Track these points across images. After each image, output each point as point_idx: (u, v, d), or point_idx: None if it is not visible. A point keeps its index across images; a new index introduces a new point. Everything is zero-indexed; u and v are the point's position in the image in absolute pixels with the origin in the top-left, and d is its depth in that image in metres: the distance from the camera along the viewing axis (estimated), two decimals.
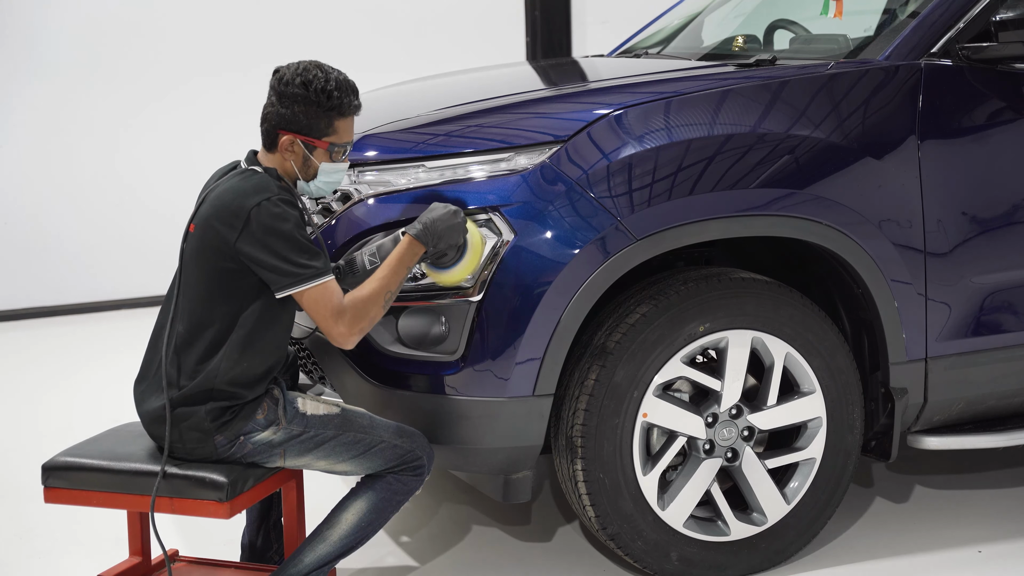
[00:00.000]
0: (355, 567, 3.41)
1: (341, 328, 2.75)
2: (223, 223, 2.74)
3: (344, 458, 2.88)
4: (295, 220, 2.74)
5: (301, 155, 2.84)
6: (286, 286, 2.72)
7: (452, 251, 2.89)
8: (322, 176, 2.87)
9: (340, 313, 2.74)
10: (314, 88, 2.79)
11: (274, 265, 2.71)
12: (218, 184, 2.85)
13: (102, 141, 6.91)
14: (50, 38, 6.73)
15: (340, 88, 2.81)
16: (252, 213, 2.71)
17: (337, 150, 2.86)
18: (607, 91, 3.48)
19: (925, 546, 3.47)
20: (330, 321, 2.74)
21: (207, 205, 2.81)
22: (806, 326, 3.18)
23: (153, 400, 2.83)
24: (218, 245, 2.76)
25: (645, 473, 3.12)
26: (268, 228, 2.71)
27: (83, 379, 5.58)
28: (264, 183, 2.78)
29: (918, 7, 3.41)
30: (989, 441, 3.40)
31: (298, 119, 2.81)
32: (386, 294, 2.80)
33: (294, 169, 2.86)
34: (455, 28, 7.49)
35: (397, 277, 2.83)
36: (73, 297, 6.95)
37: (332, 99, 2.80)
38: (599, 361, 3.04)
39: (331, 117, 2.82)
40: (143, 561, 3.10)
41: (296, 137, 2.82)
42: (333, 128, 2.84)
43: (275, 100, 2.83)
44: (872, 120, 3.21)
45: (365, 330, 2.78)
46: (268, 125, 2.85)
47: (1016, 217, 3.34)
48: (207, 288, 2.79)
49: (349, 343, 2.77)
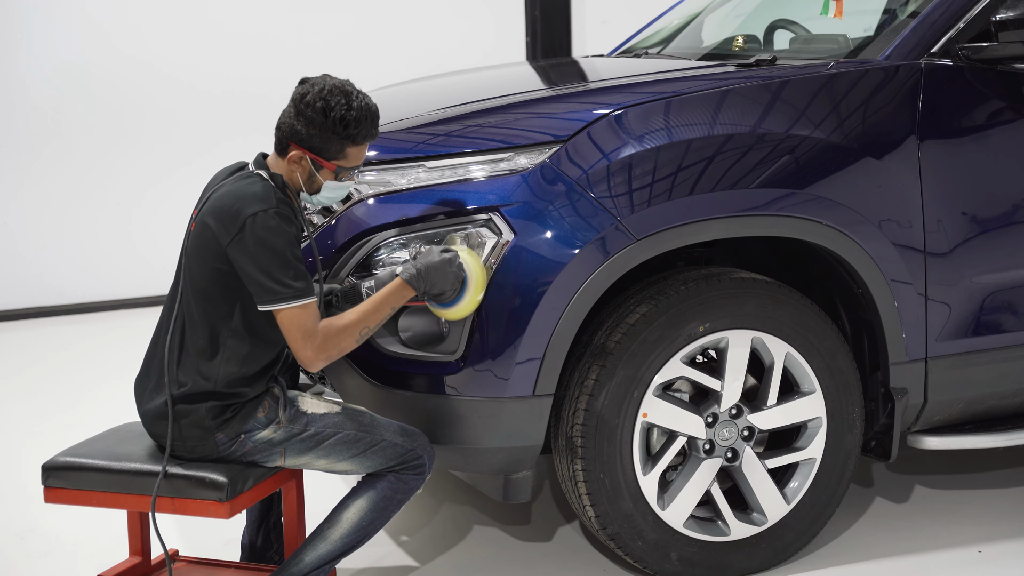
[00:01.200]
0: (355, 567, 3.41)
1: (308, 351, 2.75)
2: (219, 224, 2.75)
3: (344, 457, 2.88)
4: (288, 237, 2.75)
5: (308, 171, 2.85)
6: (266, 301, 2.74)
7: (450, 291, 2.88)
8: (325, 192, 2.88)
9: (310, 337, 2.74)
10: (333, 117, 2.78)
11: (258, 280, 2.72)
12: (223, 184, 2.85)
13: (102, 141, 6.91)
14: (50, 38, 6.73)
15: (359, 120, 2.80)
16: (248, 222, 2.72)
17: (344, 172, 2.88)
18: (607, 91, 3.48)
19: (925, 546, 3.47)
20: (299, 343, 2.74)
21: (209, 204, 2.81)
22: (806, 326, 3.18)
23: (154, 398, 2.84)
24: (213, 245, 2.77)
25: (645, 473, 3.12)
26: (260, 240, 2.72)
27: (83, 379, 5.57)
28: (266, 192, 2.78)
29: (918, 7, 3.41)
30: (989, 441, 3.40)
31: (312, 139, 2.81)
32: (363, 328, 2.81)
33: (298, 180, 2.87)
34: (455, 28, 7.49)
35: (379, 315, 2.83)
36: (73, 297, 6.95)
37: (349, 129, 2.80)
38: (599, 361, 3.04)
39: (344, 145, 2.83)
40: (143, 561, 3.11)
41: (306, 154, 2.83)
42: (344, 154, 2.85)
43: (293, 113, 2.83)
44: (872, 120, 3.21)
45: (332, 358, 2.78)
46: (281, 134, 2.86)
47: (1016, 217, 3.34)
48: (207, 285, 2.80)
49: (313, 367, 2.77)
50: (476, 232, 2.99)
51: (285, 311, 2.73)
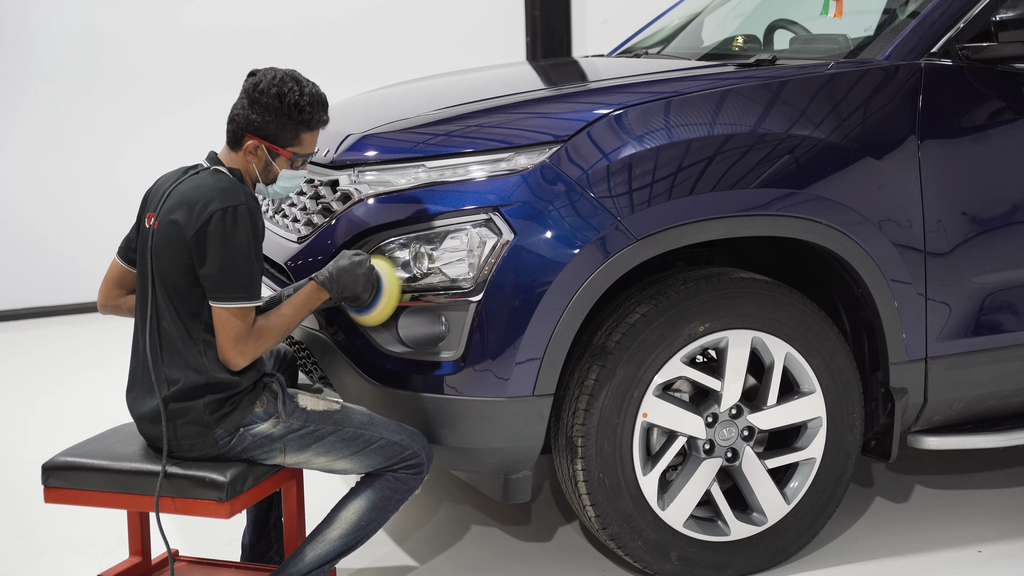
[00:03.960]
0: (355, 567, 3.41)
1: (233, 352, 2.77)
2: (186, 217, 2.77)
3: (343, 455, 2.88)
4: (253, 236, 2.78)
5: (264, 160, 2.90)
6: (218, 298, 2.76)
7: (365, 295, 2.94)
8: (281, 181, 2.94)
9: (240, 339, 2.76)
10: (288, 102, 2.85)
11: (214, 275, 2.75)
12: (182, 181, 2.86)
13: (102, 141, 6.91)
14: (50, 39, 6.73)
15: (312, 104, 2.88)
16: (215, 216, 2.75)
17: (299, 159, 2.93)
18: (607, 91, 3.48)
19: (925, 546, 3.47)
20: (229, 342, 2.76)
21: (171, 200, 2.82)
22: (806, 326, 3.18)
23: (147, 402, 2.84)
24: (179, 238, 2.78)
25: (645, 473, 3.12)
26: (226, 235, 2.74)
27: (83, 379, 5.58)
28: (233, 188, 2.80)
29: (918, 7, 3.41)
30: (989, 441, 3.40)
31: (267, 127, 2.87)
32: (285, 330, 2.85)
33: (255, 171, 2.91)
34: (455, 28, 7.49)
35: (299, 316, 2.88)
36: (73, 297, 6.96)
37: (304, 114, 2.87)
38: (599, 361, 3.04)
39: (299, 130, 2.90)
40: (143, 561, 3.11)
41: (261, 143, 2.88)
42: (299, 140, 2.91)
43: (246, 103, 2.88)
44: (872, 120, 3.21)
45: (252, 358, 2.80)
46: (235, 126, 2.90)
47: (1016, 217, 3.34)
48: (177, 280, 2.80)
49: (234, 366, 2.79)
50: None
51: (229, 308, 2.75)
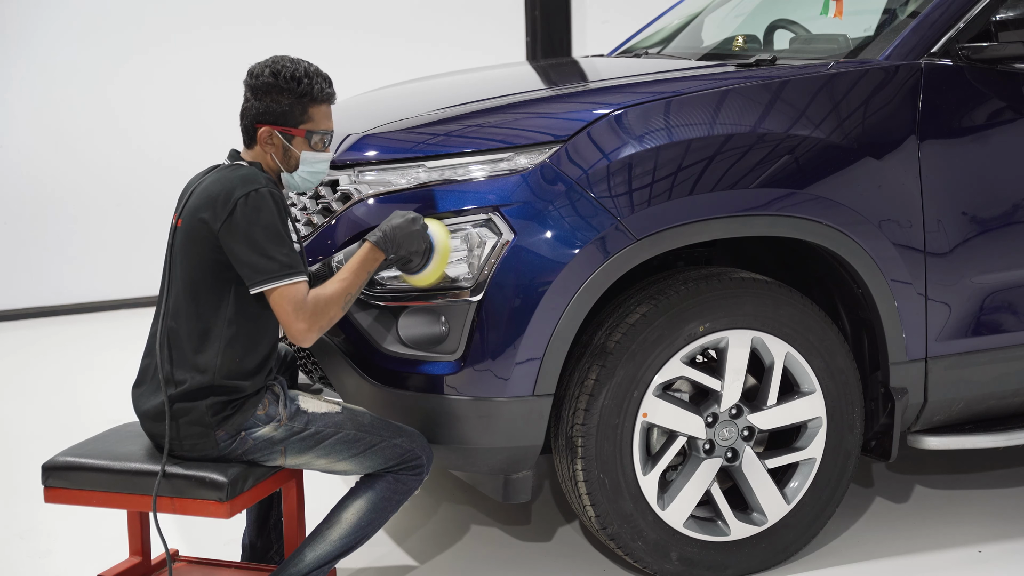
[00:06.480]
0: (355, 567, 3.41)
1: (301, 324, 2.75)
2: (211, 211, 2.76)
3: (344, 456, 2.88)
4: (279, 213, 2.77)
5: (280, 146, 2.87)
6: (259, 282, 2.74)
7: (417, 257, 2.91)
8: (304, 166, 2.90)
9: (300, 309, 2.75)
10: (283, 76, 2.83)
11: (249, 260, 2.73)
12: (204, 179, 2.86)
13: (103, 141, 6.91)
14: (51, 40, 6.73)
15: (310, 75, 2.86)
16: (239, 203, 2.74)
17: (316, 138, 2.89)
18: (607, 91, 3.48)
19: (925, 546, 3.47)
20: (291, 316, 2.75)
21: (195, 197, 2.82)
22: (806, 326, 3.18)
23: (152, 399, 2.84)
24: (205, 235, 2.77)
25: (645, 473, 3.12)
26: (252, 219, 2.73)
27: (83, 379, 5.58)
28: (252, 174, 2.81)
29: (918, 7, 3.41)
30: (989, 441, 3.40)
31: (272, 109, 2.85)
32: (347, 296, 2.82)
33: (276, 162, 2.89)
34: (455, 28, 7.49)
35: (358, 280, 2.85)
36: (73, 297, 6.96)
37: (302, 85, 2.84)
38: (599, 361, 3.04)
39: (304, 104, 2.86)
40: (143, 561, 3.10)
41: (273, 128, 2.86)
42: (308, 115, 2.87)
43: (250, 95, 2.88)
44: (872, 120, 3.21)
45: (324, 329, 2.79)
46: (246, 121, 2.90)
47: (1016, 217, 3.34)
48: (199, 277, 2.80)
49: (307, 341, 2.78)
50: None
51: (280, 289, 2.74)
